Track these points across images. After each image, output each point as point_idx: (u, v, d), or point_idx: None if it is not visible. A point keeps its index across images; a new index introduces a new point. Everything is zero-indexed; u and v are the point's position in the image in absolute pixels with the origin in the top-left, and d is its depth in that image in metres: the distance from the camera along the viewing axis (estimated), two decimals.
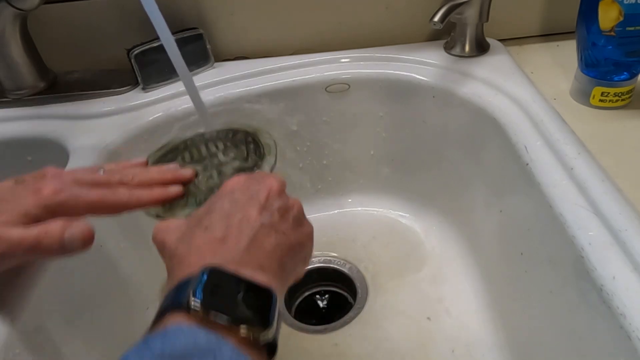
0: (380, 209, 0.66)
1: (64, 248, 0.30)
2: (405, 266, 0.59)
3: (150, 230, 0.49)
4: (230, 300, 0.25)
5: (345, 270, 0.60)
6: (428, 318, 0.53)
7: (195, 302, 0.24)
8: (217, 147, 0.42)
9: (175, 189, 0.36)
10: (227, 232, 0.29)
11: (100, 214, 0.33)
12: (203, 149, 0.42)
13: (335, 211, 0.66)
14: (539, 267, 0.42)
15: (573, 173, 0.39)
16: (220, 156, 0.41)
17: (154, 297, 0.54)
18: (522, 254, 0.44)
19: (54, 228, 0.29)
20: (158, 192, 0.35)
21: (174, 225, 0.32)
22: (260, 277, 0.28)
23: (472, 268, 0.56)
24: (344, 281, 0.59)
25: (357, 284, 0.58)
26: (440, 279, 0.57)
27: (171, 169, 0.38)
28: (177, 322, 0.24)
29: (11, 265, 0.31)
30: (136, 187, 0.34)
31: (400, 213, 0.65)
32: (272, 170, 0.39)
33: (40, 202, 0.31)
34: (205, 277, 0.26)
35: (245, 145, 0.42)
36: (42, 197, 0.31)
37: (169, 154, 0.42)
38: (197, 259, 0.28)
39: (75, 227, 0.30)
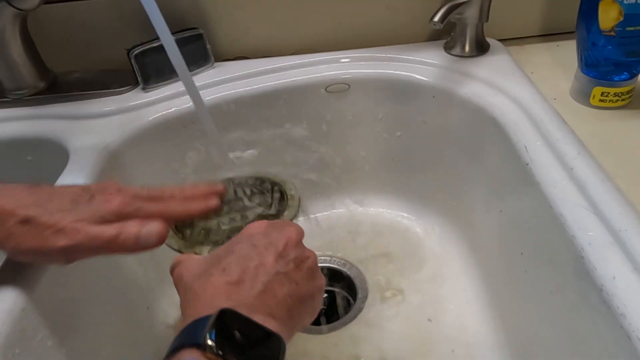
0: (381, 209, 0.66)
1: (138, 244, 0.33)
2: (405, 266, 0.59)
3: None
4: (244, 344, 0.27)
5: (345, 270, 0.60)
6: (428, 318, 0.53)
7: (210, 342, 0.26)
8: (244, 192, 0.44)
9: (215, 200, 0.39)
10: (243, 276, 0.31)
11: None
12: (230, 192, 0.44)
13: (335, 211, 0.66)
14: (539, 267, 0.42)
15: (573, 173, 0.39)
16: (246, 201, 0.44)
17: (154, 297, 0.54)
18: (522, 254, 0.44)
19: (131, 224, 0.33)
20: (203, 203, 0.38)
21: (193, 261, 0.34)
22: (270, 324, 0.29)
23: (472, 268, 0.56)
24: (344, 281, 0.59)
25: (357, 284, 0.58)
26: (440, 279, 0.57)
27: (205, 186, 0.40)
28: (195, 357, 0.25)
29: (84, 257, 0.33)
30: (184, 200, 0.38)
31: (400, 213, 0.65)
32: (293, 219, 0.41)
33: (113, 210, 0.33)
34: (221, 318, 0.27)
35: (270, 193, 0.44)
36: (114, 206, 0.33)
37: None
38: (212, 298, 0.30)
39: (152, 224, 0.33)
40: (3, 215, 0.31)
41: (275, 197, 0.44)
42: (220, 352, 0.25)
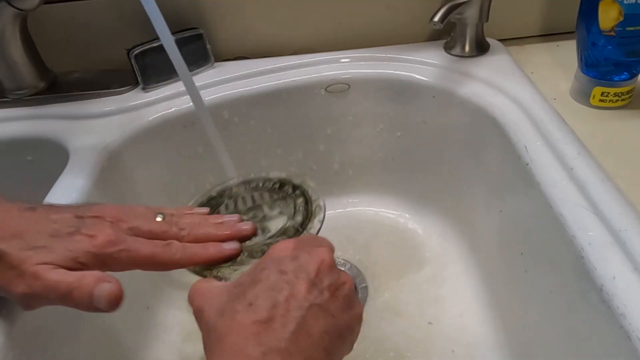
0: (380, 209, 0.66)
1: (92, 305, 0.29)
2: (405, 266, 0.59)
3: None
4: None
5: (345, 270, 0.60)
6: (428, 319, 0.53)
7: None
8: (262, 198, 0.40)
9: (232, 247, 0.34)
10: (273, 312, 0.27)
11: (149, 269, 0.32)
12: (248, 200, 0.40)
13: (335, 211, 0.66)
14: (539, 267, 0.42)
15: (573, 173, 0.39)
16: (266, 209, 0.39)
17: (154, 297, 0.54)
18: (522, 254, 0.44)
19: (87, 281, 0.29)
20: (213, 251, 0.34)
21: (214, 291, 0.30)
22: None
23: (472, 268, 0.56)
24: None
25: (357, 284, 0.58)
26: (440, 279, 0.57)
27: (231, 223, 0.36)
28: None
29: (43, 306, 0.31)
30: (191, 242, 0.33)
31: (400, 213, 0.65)
32: (318, 232, 0.37)
33: (91, 250, 0.30)
34: None
35: (293, 199, 0.40)
36: (95, 246, 0.30)
37: (212, 201, 0.40)
38: (239, 343, 0.26)
39: (105, 287, 0.29)
40: None
41: (298, 204, 0.39)
42: None
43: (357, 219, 0.65)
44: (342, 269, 0.59)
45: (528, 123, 0.46)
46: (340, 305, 0.30)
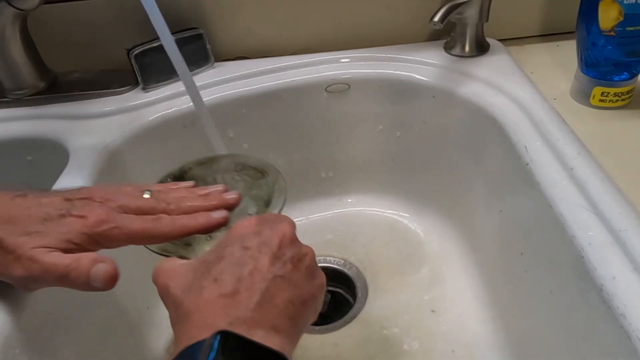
0: (380, 209, 0.66)
1: (89, 284, 0.30)
2: (405, 266, 0.59)
3: None
4: None
5: (345, 270, 0.60)
6: (428, 319, 0.53)
7: None
8: (224, 179, 0.41)
9: (220, 216, 0.35)
10: (238, 285, 0.28)
11: (141, 244, 0.33)
12: (210, 181, 0.40)
13: (335, 211, 0.66)
14: (539, 267, 0.42)
15: (573, 173, 0.39)
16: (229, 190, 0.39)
17: (154, 297, 0.54)
18: (522, 254, 0.44)
19: (83, 262, 0.30)
20: (202, 220, 0.34)
21: (178, 269, 0.31)
22: (273, 340, 0.27)
23: (472, 268, 0.56)
24: (344, 281, 0.59)
25: (357, 284, 0.58)
26: (440, 279, 0.57)
27: (217, 193, 0.36)
28: None
29: (41, 287, 0.31)
30: (182, 213, 0.34)
31: (400, 213, 0.65)
32: (280, 211, 0.37)
33: (83, 231, 0.31)
34: (217, 343, 0.24)
35: (255, 180, 0.40)
36: (87, 226, 0.31)
37: (178, 180, 0.40)
38: (207, 316, 0.27)
39: (100, 268, 0.30)
40: None
41: (260, 184, 0.40)
42: None
43: (357, 219, 0.65)
44: (343, 269, 0.60)
45: (528, 123, 0.46)
46: (303, 275, 0.31)
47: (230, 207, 0.36)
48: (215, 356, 0.23)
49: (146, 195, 0.35)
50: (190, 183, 0.39)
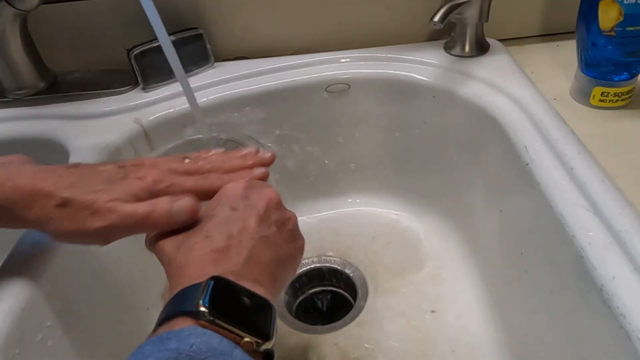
0: (380, 209, 0.66)
1: (171, 220, 0.32)
2: (405, 266, 0.59)
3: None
4: (236, 310, 0.26)
5: (345, 270, 0.60)
6: (428, 319, 0.53)
7: (203, 309, 0.25)
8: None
9: (262, 171, 0.37)
10: (229, 242, 0.30)
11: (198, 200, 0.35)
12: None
13: (335, 211, 0.66)
14: (539, 267, 0.42)
15: (573, 173, 0.39)
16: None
17: (154, 297, 0.54)
18: (522, 254, 0.44)
19: (162, 201, 0.32)
20: (246, 175, 0.37)
21: (170, 231, 0.32)
22: (258, 291, 0.29)
23: (472, 268, 0.56)
24: (344, 281, 0.59)
25: (357, 284, 0.58)
26: (440, 279, 0.57)
27: (252, 153, 0.39)
28: (188, 325, 0.25)
29: (121, 237, 0.33)
30: (225, 172, 0.37)
31: (400, 213, 0.65)
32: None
33: (145, 187, 0.33)
34: (211, 285, 0.26)
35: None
36: (147, 184, 0.34)
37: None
38: (198, 268, 0.29)
39: (183, 200, 0.32)
40: (43, 198, 0.31)
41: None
42: (213, 318, 0.25)
43: (357, 219, 0.65)
44: (343, 269, 0.60)
45: (528, 123, 0.46)
46: (285, 237, 0.33)
47: (266, 163, 0.38)
48: (211, 296, 0.26)
49: (187, 161, 0.37)
50: (221, 150, 0.40)
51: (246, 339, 0.26)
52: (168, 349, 0.23)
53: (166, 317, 0.26)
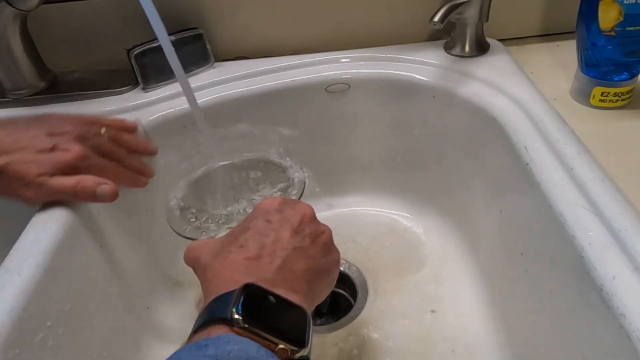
0: (380, 209, 0.66)
1: (95, 200, 0.39)
2: (405, 266, 0.59)
3: (152, 233, 0.49)
4: (270, 317, 0.27)
5: (345, 270, 0.60)
6: (428, 319, 0.53)
7: (237, 316, 0.26)
8: (248, 176, 0.47)
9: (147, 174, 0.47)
10: (261, 251, 0.31)
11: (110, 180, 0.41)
12: (234, 177, 0.45)
13: (335, 211, 0.66)
14: (539, 267, 0.42)
15: (573, 173, 0.39)
16: (252, 184, 0.45)
17: (155, 297, 0.54)
18: (522, 254, 0.44)
19: (87, 183, 0.38)
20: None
21: (209, 243, 0.34)
22: (292, 298, 0.29)
23: (472, 268, 0.56)
24: (344, 282, 0.59)
25: (357, 284, 0.58)
26: (440, 279, 0.57)
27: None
28: (224, 332, 0.25)
29: (51, 200, 0.39)
30: (126, 167, 0.44)
31: (400, 213, 0.65)
32: (300, 197, 0.42)
33: (70, 163, 0.39)
34: (245, 293, 0.27)
35: (275, 174, 0.46)
36: (71, 159, 0.39)
37: (200, 181, 0.47)
38: (233, 274, 0.30)
39: (105, 188, 0.39)
40: None
41: (279, 178, 0.45)
42: (247, 326, 0.25)
43: (357, 219, 0.65)
44: (343, 269, 0.60)
45: (528, 123, 0.46)
46: (319, 250, 0.34)
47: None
48: (244, 303, 0.26)
49: (103, 130, 0.44)
50: (134, 124, 0.49)
51: (281, 346, 0.26)
52: (206, 355, 0.23)
53: (202, 324, 0.26)
